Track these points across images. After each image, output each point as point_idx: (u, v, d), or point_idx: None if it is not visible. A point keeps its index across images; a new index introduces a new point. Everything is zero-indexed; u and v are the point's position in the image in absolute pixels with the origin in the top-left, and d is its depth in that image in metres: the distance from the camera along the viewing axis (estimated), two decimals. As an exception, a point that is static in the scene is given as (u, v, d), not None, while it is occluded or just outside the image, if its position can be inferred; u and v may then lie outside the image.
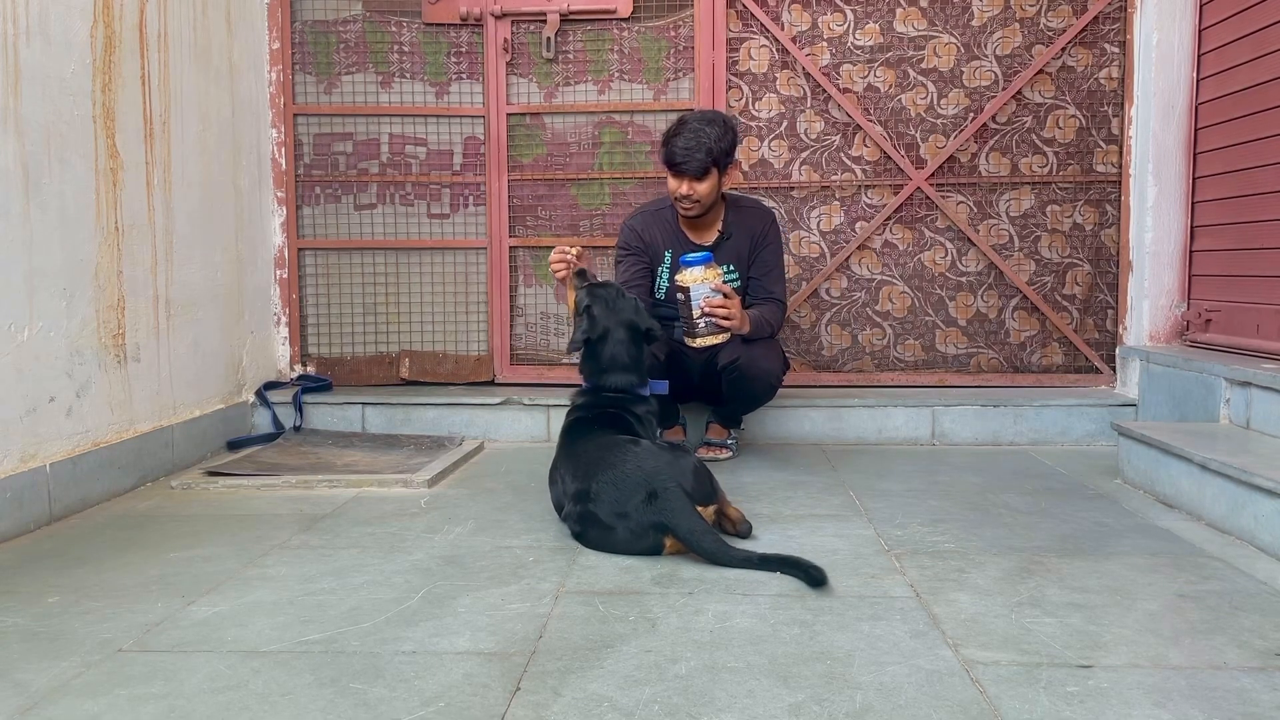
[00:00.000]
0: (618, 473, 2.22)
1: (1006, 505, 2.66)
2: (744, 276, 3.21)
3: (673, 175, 3.04)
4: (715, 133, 2.98)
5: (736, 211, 3.21)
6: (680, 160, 2.98)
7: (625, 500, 2.18)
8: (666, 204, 3.20)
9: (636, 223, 3.23)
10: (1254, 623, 1.81)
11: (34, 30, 2.49)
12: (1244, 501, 2.32)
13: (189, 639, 1.75)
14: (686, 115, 3.08)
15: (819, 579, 1.98)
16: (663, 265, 3.21)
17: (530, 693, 1.52)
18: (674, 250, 3.16)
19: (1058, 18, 3.72)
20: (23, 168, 2.44)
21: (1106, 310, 3.80)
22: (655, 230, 3.20)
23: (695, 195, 3.02)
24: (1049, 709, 1.46)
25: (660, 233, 3.20)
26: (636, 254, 3.20)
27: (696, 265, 2.88)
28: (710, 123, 3.01)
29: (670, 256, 3.17)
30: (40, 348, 2.51)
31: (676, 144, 2.98)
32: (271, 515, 2.60)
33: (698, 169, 2.98)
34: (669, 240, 3.19)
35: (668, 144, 3.01)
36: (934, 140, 3.77)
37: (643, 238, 3.20)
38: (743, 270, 3.20)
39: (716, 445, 3.30)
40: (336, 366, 3.93)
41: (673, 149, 2.99)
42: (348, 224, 3.93)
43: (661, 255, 3.20)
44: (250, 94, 3.67)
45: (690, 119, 3.03)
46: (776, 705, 1.48)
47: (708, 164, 2.98)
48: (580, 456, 2.37)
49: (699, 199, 3.03)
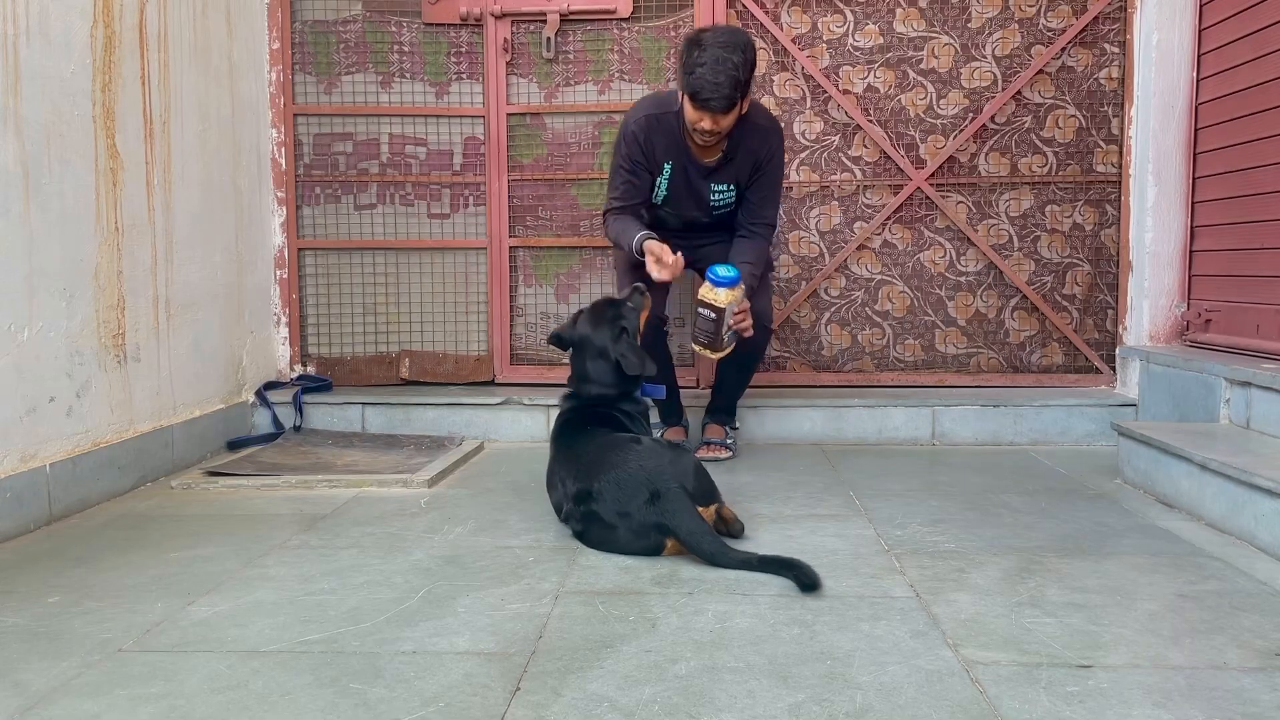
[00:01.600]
0: (621, 472, 2.21)
1: (1006, 505, 2.66)
2: (741, 192, 3.08)
3: (694, 107, 2.80)
4: (740, 60, 2.74)
5: (742, 129, 2.96)
6: (708, 96, 2.73)
7: (628, 500, 2.18)
8: (671, 109, 2.99)
9: (638, 130, 3.01)
10: (1254, 623, 1.81)
11: (34, 30, 2.48)
12: (1244, 501, 2.32)
13: (189, 639, 1.75)
14: (703, 35, 2.79)
15: (810, 584, 1.97)
16: (662, 176, 3.04)
17: (530, 693, 1.52)
18: (675, 162, 3.01)
19: (1057, 18, 3.72)
20: (23, 168, 2.44)
21: (1106, 310, 3.80)
22: (658, 141, 3.00)
23: (720, 129, 2.82)
24: (1049, 709, 1.46)
25: (663, 143, 3.00)
26: (636, 168, 3.02)
27: (729, 286, 2.75)
28: (733, 48, 2.74)
29: (671, 169, 3.02)
30: (40, 348, 2.51)
31: (703, 76, 2.72)
32: (271, 515, 2.59)
33: (725, 104, 2.75)
34: (671, 153, 3.01)
35: (691, 72, 2.74)
36: (933, 140, 3.77)
37: (645, 149, 3.01)
38: (740, 187, 3.07)
39: (717, 445, 3.30)
40: (336, 366, 3.93)
41: (699, 81, 2.73)
42: (348, 224, 3.93)
43: (661, 167, 3.03)
44: (250, 94, 3.67)
45: (709, 42, 2.75)
46: (776, 705, 1.48)
47: (735, 99, 2.76)
48: (580, 457, 2.36)
49: (721, 132, 2.84)
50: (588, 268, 3.90)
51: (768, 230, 3.14)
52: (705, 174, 3.06)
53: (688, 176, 3.07)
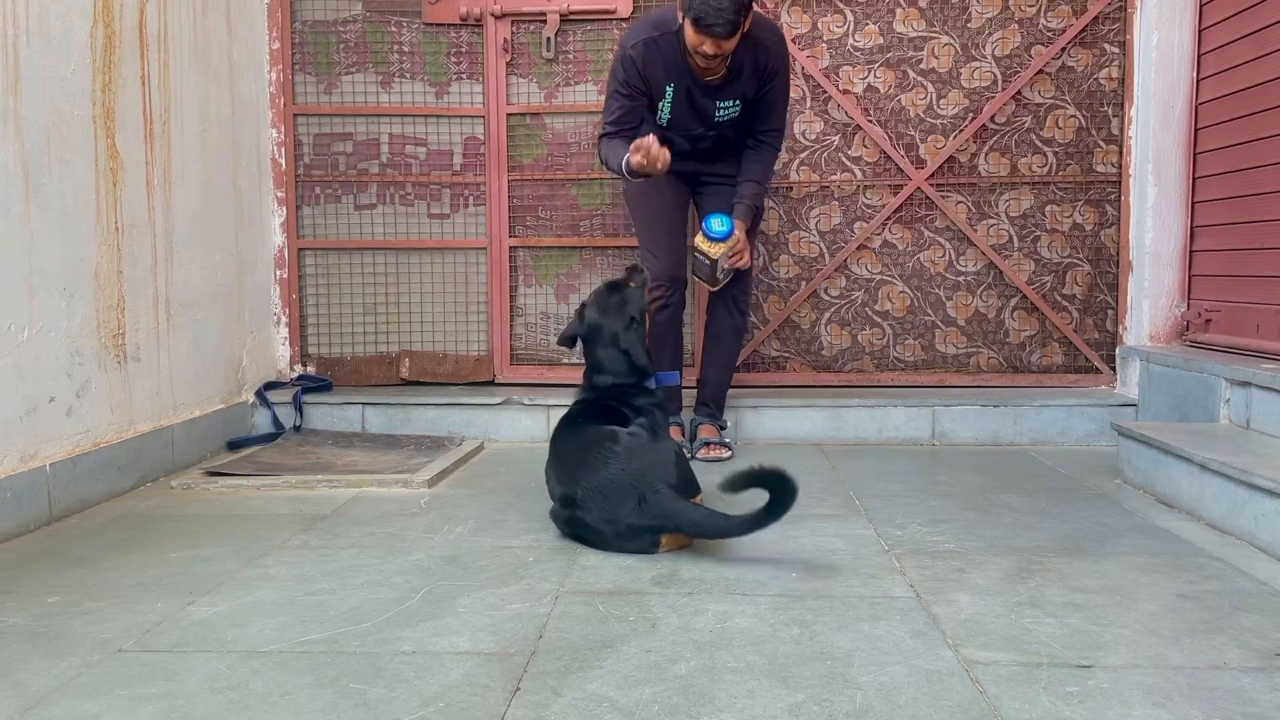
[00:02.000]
0: (602, 478, 2.20)
1: (1006, 505, 2.66)
2: (747, 105, 3.05)
3: (696, 31, 2.73)
4: None
5: (745, 45, 2.89)
6: (711, 22, 2.67)
7: (615, 508, 2.18)
8: (671, 29, 2.92)
9: (636, 56, 2.95)
10: (1254, 623, 1.81)
11: (34, 30, 2.48)
12: (1244, 501, 2.32)
13: (189, 639, 1.75)
14: None
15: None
16: (664, 100, 3.00)
17: (530, 693, 1.52)
18: (677, 84, 2.97)
19: (1057, 18, 3.72)
20: (23, 168, 2.44)
21: (1106, 310, 3.80)
22: (657, 64, 2.95)
23: (722, 53, 2.76)
24: (1049, 709, 1.46)
25: (663, 66, 2.95)
26: (633, 94, 2.98)
27: (721, 240, 2.98)
28: None
29: (672, 92, 2.99)
30: (40, 348, 2.51)
31: (706, 1, 2.66)
32: (271, 515, 2.59)
33: (728, 30, 2.68)
34: (672, 74, 2.96)
35: None
36: (933, 140, 3.77)
37: (644, 75, 2.96)
38: (747, 102, 3.04)
39: (716, 444, 3.29)
40: (336, 366, 3.93)
41: (702, 6, 2.66)
42: (348, 224, 3.93)
43: (663, 90, 2.99)
44: (250, 94, 3.67)
45: None
46: (776, 705, 1.48)
47: (738, 23, 2.70)
48: (563, 458, 2.37)
49: (724, 56, 2.79)
50: (588, 268, 3.90)
51: (776, 138, 3.17)
52: (710, 93, 3.02)
53: (691, 97, 3.02)
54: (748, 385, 3.80)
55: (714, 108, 3.06)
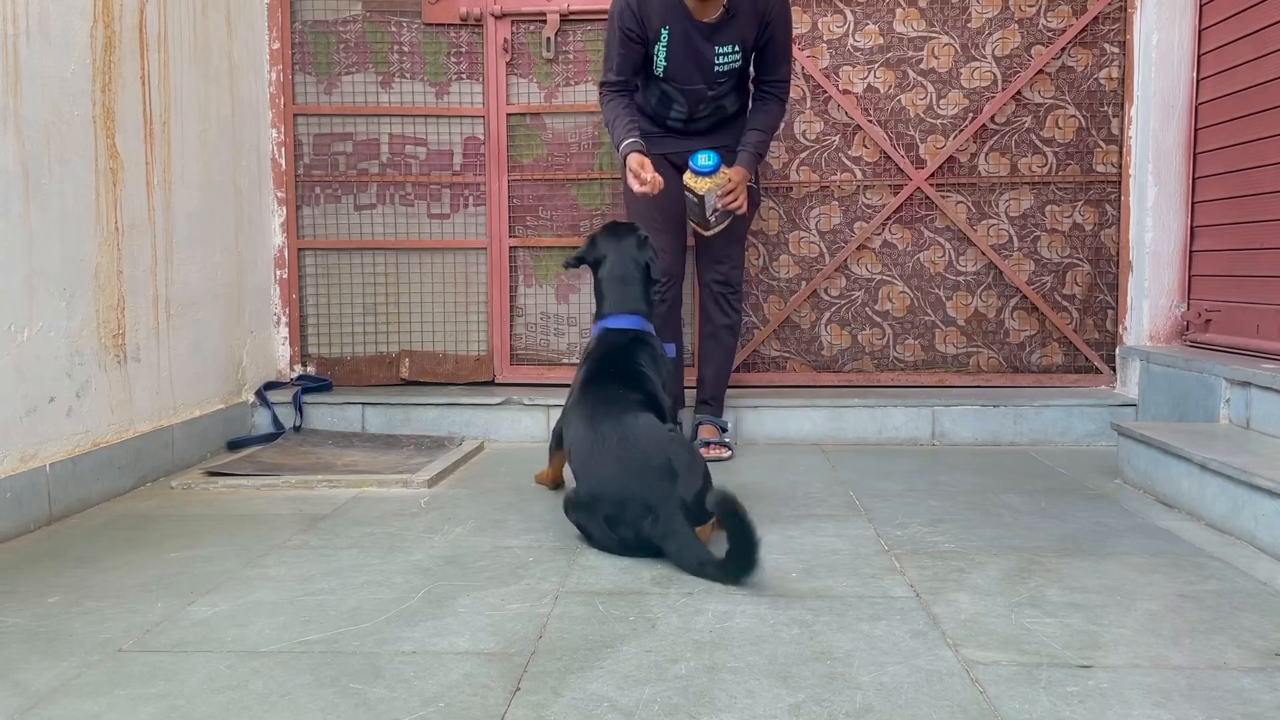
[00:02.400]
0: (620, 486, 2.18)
1: (1006, 505, 2.66)
2: (747, 55, 3.03)
3: None
4: None
5: None
6: None
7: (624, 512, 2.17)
8: None
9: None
10: (1254, 623, 1.81)
11: (34, 30, 2.48)
12: (1244, 501, 2.32)
13: (189, 639, 1.75)
14: None
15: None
16: (660, 44, 2.98)
17: (530, 693, 1.52)
18: (673, 26, 2.94)
19: (1057, 18, 3.72)
20: (23, 168, 2.44)
21: (1106, 310, 3.80)
22: (653, 3, 2.95)
23: None
24: (1049, 709, 1.46)
25: (657, 9, 2.95)
26: (628, 38, 2.97)
27: (709, 174, 2.91)
28: None
29: (669, 34, 2.95)
30: (40, 348, 2.51)
31: None
32: (271, 515, 2.60)
33: None
34: (668, 14, 2.95)
35: None
36: (933, 140, 3.78)
37: (637, 16, 2.95)
38: (746, 49, 3.01)
39: (717, 444, 3.29)
40: (336, 366, 3.93)
41: None
42: (348, 224, 3.93)
43: (658, 33, 2.96)
44: (250, 94, 3.67)
45: None
46: (776, 705, 1.48)
47: None
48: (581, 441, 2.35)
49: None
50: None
51: (782, 89, 3.14)
52: (707, 34, 2.98)
53: (689, 39, 2.99)
54: (748, 385, 3.81)
55: (713, 54, 3.00)
